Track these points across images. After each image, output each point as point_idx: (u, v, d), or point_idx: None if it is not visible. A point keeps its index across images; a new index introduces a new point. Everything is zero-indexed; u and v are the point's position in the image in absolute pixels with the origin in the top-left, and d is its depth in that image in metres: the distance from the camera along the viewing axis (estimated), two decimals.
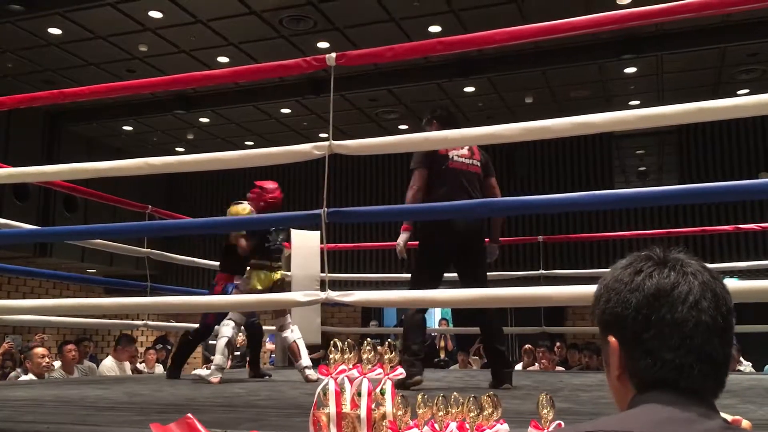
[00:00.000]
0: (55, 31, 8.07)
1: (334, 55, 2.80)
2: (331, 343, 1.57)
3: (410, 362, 3.44)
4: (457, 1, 7.35)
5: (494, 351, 3.77)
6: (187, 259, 6.47)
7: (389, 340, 1.90)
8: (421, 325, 3.68)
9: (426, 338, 3.87)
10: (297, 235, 5.79)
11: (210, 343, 10.73)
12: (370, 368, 1.51)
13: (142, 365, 7.64)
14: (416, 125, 10.65)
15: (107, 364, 6.23)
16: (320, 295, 2.71)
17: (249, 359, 5.15)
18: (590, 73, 9.22)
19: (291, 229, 5.47)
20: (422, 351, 3.62)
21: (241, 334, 5.93)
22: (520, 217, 10.70)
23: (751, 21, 7.67)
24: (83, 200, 10.30)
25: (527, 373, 6.18)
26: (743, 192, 3.06)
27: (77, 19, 7.79)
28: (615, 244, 9.96)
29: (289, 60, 3.06)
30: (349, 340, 1.56)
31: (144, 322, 5.75)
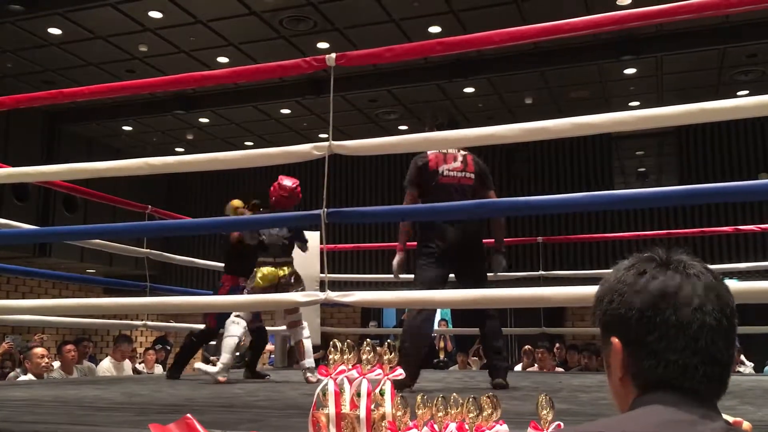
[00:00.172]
0: (55, 31, 8.07)
1: (333, 55, 2.80)
2: (331, 343, 1.57)
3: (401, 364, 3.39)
4: (457, 2, 7.35)
5: (491, 348, 3.77)
6: (187, 259, 6.47)
7: (388, 340, 1.90)
8: (420, 329, 3.60)
9: (425, 343, 3.81)
10: None
11: (209, 343, 10.77)
12: (370, 369, 1.51)
13: (141, 365, 7.63)
14: (416, 125, 10.70)
15: (104, 366, 6.23)
16: (320, 295, 2.71)
17: (248, 360, 5.15)
18: (590, 74, 9.22)
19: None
20: (413, 354, 3.49)
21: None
22: (520, 218, 10.69)
23: (750, 22, 7.67)
24: (83, 200, 10.30)
25: (526, 374, 6.18)
26: (743, 193, 3.07)
27: (77, 20, 7.80)
28: (614, 245, 9.96)
29: (289, 60, 3.06)
30: (349, 341, 1.56)
31: (143, 322, 5.74)
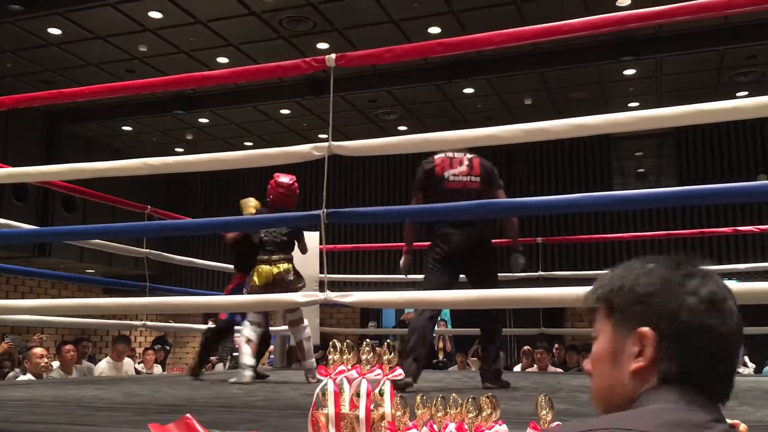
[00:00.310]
0: (54, 31, 8.07)
1: (333, 56, 2.80)
2: (330, 343, 1.57)
3: (403, 364, 3.43)
4: (457, 3, 7.36)
5: (483, 350, 3.81)
6: (186, 259, 6.46)
7: (388, 340, 1.90)
8: (423, 329, 3.64)
9: (427, 341, 3.85)
10: None
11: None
12: (369, 369, 1.51)
13: (140, 365, 7.63)
14: (415, 126, 10.70)
15: (101, 366, 6.23)
16: (319, 295, 2.71)
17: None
18: (589, 75, 9.23)
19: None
20: (414, 353, 3.54)
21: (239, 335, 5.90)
22: (519, 219, 10.68)
23: (750, 23, 7.67)
24: (82, 200, 10.30)
25: (525, 375, 6.18)
26: (742, 194, 3.08)
27: (77, 20, 7.80)
28: (614, 246, 9.96)
29: (289, 61, 3.06)
30: (348, 341, 1.56)
31: (143, 322, 5.74)
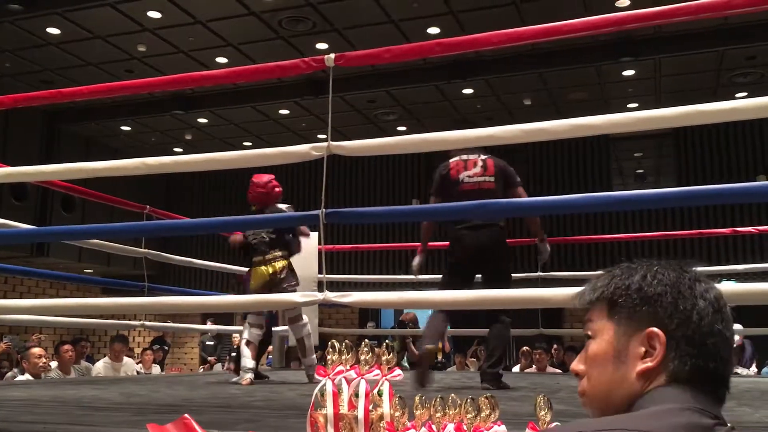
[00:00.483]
0: (53, 31, 8.06)
1: (332, 56, 2.80)
2: (329, 344, 1.57)
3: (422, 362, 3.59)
4: (456, 3, 7.36)
5: (486, 351, 3.85)
6: (185, 259, 6.45)
7: (386, 341, 1.90)
8: (437, 325, 3.79)
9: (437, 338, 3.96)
10: None
11: (207, 344, 10.78)
12: (368, 369, 1.51)
13: (139, 365, 7.62)
14: (414, 126, 10.70)
15: (98, 366, 6.24)
16: (318, 295, 2.71)
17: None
18: (588, 76, 9.23)
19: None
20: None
21: (238, 336, 5.91)
22: (518, 219, 10.69)
23: (749, 24, 7.68)
24: (81, 200, 10.29)
25: (524, 375, 6.18)
26: (741, 195, 3.08)
27: (76, 19, 7.79)
28: (613, 247, 9.96)
29: (288, 61, 3.05)
30: (347, 341, 1.56)
31: (141, 322, 5.73)
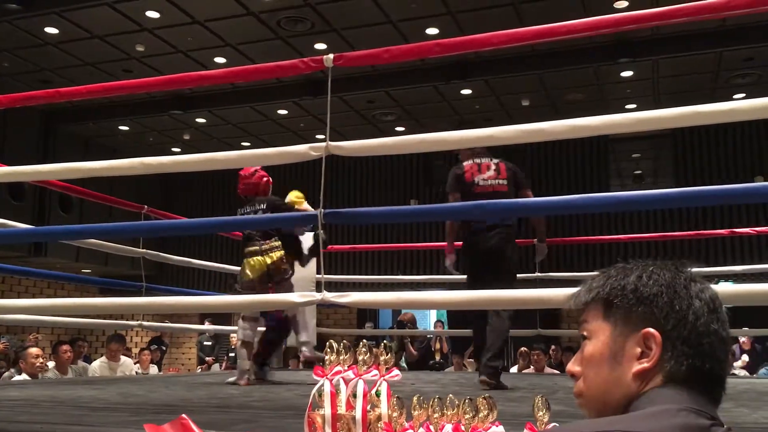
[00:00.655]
0: (51, 31, 8.05)
1: (331, 56, 2.80)
2: (327, 344, 1.57)
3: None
4: (455, 4, 7.36)
5: (485, 344, 3.88)
6: (183, 259, 6.44)
7: (385, 341, 1.90)
8: (478, 325, 3.97)
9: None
10: None
11: (205, 344, 10.77)
12: (366, 370, 1.51)
13: (136, 365, 7.62)
14: (413, 127, 10.70)
15: (94, 366, 6.23)
16: (316, 296, 2.71)
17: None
18: (587, 77, 9.24)
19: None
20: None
21: (235, 336, 5.90)
22: (520, 219, 10.69)
23: (747, 25, 7.69)
24: (78, 200, 10.28)
25: (522, 376, 6.18)
26: (738, 196, 3.08)
27: (74, 19, 7.78)
28: (611, 247, 9.96)
29: (287, 61, 3.06)
30: (345, 342, 1.56)
31: (139, 322, 5.72)
